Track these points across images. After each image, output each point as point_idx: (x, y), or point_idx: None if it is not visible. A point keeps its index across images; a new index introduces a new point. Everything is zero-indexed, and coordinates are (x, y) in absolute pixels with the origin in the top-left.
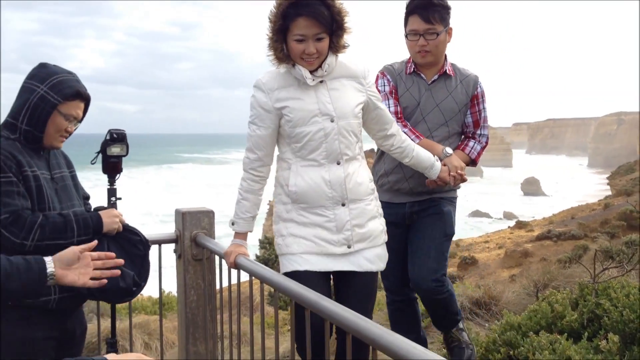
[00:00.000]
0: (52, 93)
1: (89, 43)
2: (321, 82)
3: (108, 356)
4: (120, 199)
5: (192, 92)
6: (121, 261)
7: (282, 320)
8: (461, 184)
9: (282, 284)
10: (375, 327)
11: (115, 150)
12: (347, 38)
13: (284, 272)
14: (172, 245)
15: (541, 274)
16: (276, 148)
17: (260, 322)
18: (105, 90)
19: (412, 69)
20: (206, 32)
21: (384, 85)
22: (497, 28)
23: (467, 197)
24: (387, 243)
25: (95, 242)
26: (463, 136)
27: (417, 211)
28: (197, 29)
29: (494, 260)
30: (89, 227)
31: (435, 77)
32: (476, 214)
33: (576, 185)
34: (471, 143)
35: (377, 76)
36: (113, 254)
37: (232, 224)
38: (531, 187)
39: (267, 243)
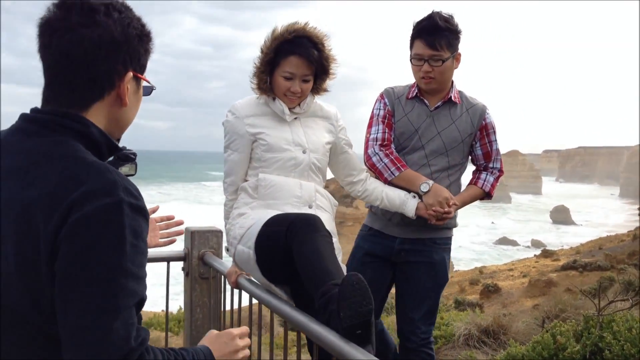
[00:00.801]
0: None
1: None
2: (295, 118)
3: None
4: None
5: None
6: (182, 221)
7: (291, 341)
8: (457, 223)
9: (277, 307)
10: (360, 353)
11: (124, 170)
12: (329, 83)
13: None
14: (181, 263)
15: (552, 304)
16: None
17: (257, 342)
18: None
19: (415, 94)
20: (238, 51)
21: (379, 109)
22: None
23: (495, 224)
24: (373, 276)
25: (157, 206)
26: (475, 169)
27: (407, 251)
28: (229, 48)
29: (517, 288)
30: None
31: (439, 103)
32: (503, 241)
33: (606, 215)
34: (483, 175)
35: (377, 99)
36: (173, 215)
37: (227, 249)
38: (560, 216)
39: None
